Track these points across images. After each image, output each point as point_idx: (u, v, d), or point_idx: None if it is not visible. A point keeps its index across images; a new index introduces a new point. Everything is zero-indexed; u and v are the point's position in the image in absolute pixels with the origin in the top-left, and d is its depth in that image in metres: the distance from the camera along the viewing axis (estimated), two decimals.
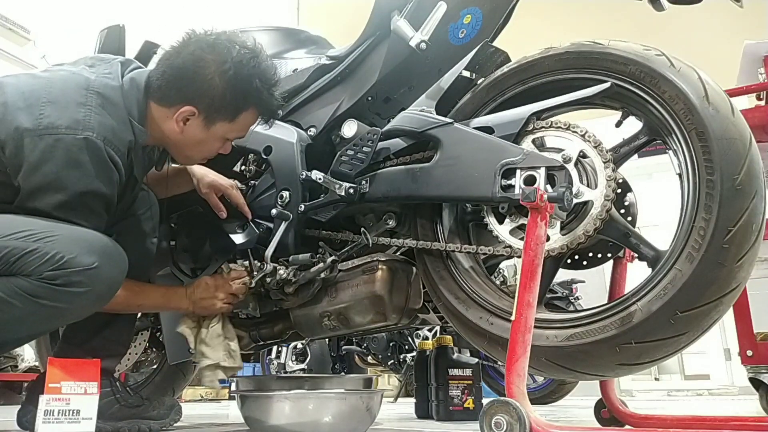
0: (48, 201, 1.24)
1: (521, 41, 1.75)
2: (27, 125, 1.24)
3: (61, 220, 1.24)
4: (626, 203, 1.42)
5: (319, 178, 1.54)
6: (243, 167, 1.81)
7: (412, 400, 2.70)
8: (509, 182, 1.28)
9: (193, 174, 1.70)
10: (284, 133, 1.68)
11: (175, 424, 1.75)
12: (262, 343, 1.81)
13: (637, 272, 1.38)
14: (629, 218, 1.40)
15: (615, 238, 1.30)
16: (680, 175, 1.21)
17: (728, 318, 1.50)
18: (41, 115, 1.25)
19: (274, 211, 1.59)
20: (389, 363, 4.06)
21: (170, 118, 1.40)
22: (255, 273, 1.61)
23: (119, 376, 2.40)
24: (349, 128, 1.62)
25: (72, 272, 1.16)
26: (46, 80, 1.33)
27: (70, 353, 1.52)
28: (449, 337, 2.55)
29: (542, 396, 3.73)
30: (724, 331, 5.96)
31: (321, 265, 1.53)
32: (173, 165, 1.73)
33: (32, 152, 1.22)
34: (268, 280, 1.58)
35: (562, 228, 1.29)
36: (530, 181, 1.26)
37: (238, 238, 1.68)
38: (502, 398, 1.02)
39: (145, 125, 1.40)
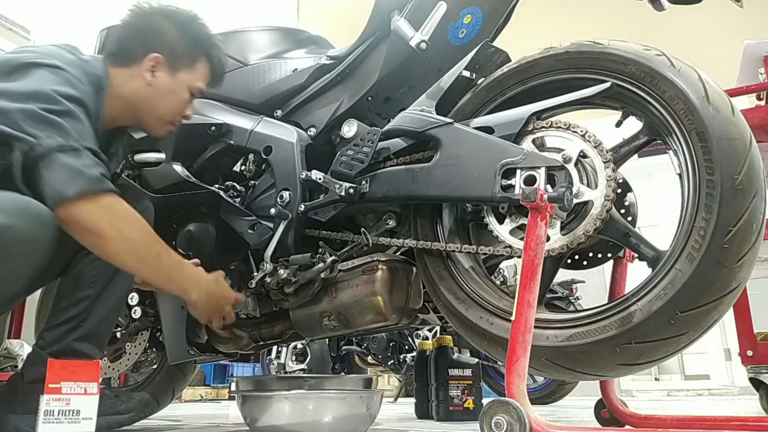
0: (32, 106, 1.23)
1: (521, 41, 1.75)
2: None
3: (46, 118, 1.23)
4: (626, 203, 1.43)
5: (319, 178, 1.54)
6: (243, 167, 1.81)
7: (412, 400, 2.70)
8: (509, 182, 1.28)
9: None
10: (284, 133, 1.68)
11: (175, 424, 1.75)
12: (262, 343, 1.81)
13: (637, 272, 1.38)
14: (629, 218, 1.40)
15: (615, 238, 1.30)
16: (680, 175, 1.21)
17: (728, 318, 1.50)
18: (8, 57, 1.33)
19: (273, 210, 1.59)
20: (389, 363, 4.06)
21: (136, 75, 1.46)
22: (255, 273, 1.60)
23: (119, 377, 2.41)
24: (349, 128, 1.62)
25: None
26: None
27: (41, 358, 1.46)
28: (449, 337, 2.55)
29: (542, 396, 3.73)
30: (724, 331, 5.97)
31: (321, 265, 1.53)
32: None
33: (10, 72, 1.28)
34: (268, 280, 1.58)
35: (562, 228, 1.29)
36: (530, 181, 1.26)
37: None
38: (502, 398, 1.02)
39: (108, 95, 1.43)
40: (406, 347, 4.03)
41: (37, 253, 1.22)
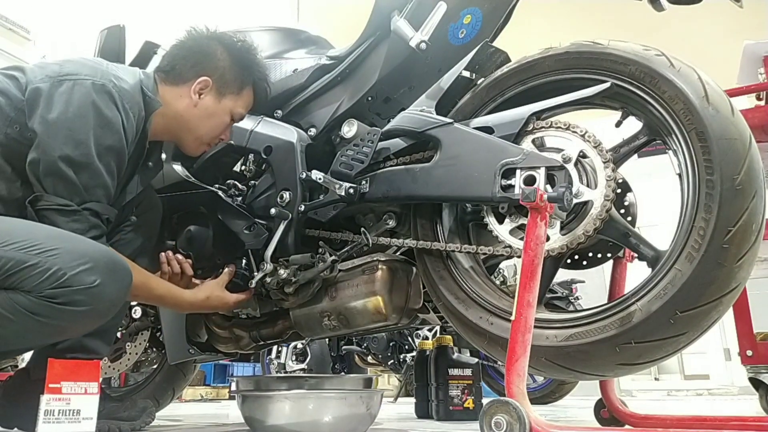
0: (56, 152, 1.24)
1: (521, 41, 1.75)
2: (48, 73, 1.31)
3: (69, 176, 1.24)
4: (626, 203, 1.43)
5: (319, 178, 1.54)
6: (243, 167, 1.81)
7: (412, 400, 2.70)
8: (509, 182, 1.28)
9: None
10: (284, 133, 1.68)
11: (175, 424, 1.75)
12: (262, 342, 1.81)
13: (637, 272, 1.38)
14: (629, 218, 1.40)
15: (615, 238, 1.30)
16: (680, 175, 1.21)
17: (728, 318, 1.50)
18: (63, 66, 1.33)
19: (273, 210, 1.59)
20: (389, 363, 4.06)
21: (184, 95, 1.48)
22: (255, 273, 1.60)
23: (119, 376, 2.41)
24: (349, 128, 1.62)
25: (73, 291, 1.13)
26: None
27: (44, 354, 1.49)
28: (449, 337, 2.55)
29: (542, 396, 3.73)
30: (724, 331, 5.97)
31: (321, 265, 1.53)
32: None
33: (50, 95, 1.27)
34: (268, 280, 1.58)
35: (562, 228, 1.29)
36: (530, 181, 1.26)
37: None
38: (502, 398, 1.02)
39: (155, 112, 1.44)
40: (406, 347, 4.03)
41: (111, 313, 1.25)
